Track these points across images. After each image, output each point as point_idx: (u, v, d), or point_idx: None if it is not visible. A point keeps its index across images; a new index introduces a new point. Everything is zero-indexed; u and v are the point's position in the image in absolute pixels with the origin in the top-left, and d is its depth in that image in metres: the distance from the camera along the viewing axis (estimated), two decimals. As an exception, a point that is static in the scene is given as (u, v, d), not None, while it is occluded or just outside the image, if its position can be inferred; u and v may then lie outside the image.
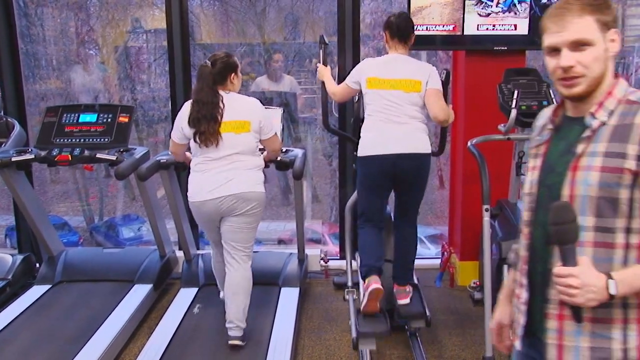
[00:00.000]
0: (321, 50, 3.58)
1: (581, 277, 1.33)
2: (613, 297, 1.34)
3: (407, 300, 3.37)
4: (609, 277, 1.34)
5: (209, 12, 7.82)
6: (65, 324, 3.43)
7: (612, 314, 1.41)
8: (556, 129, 1.55)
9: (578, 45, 1.41)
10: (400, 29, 3.25)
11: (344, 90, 3.41)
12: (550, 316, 1.47)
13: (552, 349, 1.47)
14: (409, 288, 3.42)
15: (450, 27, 3.81)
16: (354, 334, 3.17)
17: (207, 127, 2.99)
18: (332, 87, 3.49)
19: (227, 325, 3.18)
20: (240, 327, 3.17)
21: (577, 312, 1.38)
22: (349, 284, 3.68)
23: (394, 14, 3.30)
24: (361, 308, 3.23)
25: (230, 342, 3.16)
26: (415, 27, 3.35)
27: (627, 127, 1.39)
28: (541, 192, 1.52)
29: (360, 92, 3.35)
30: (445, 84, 3.32)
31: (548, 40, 1.45)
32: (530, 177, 1.57)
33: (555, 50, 1.43)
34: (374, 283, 3.17)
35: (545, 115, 1.64)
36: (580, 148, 1.44)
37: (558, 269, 1.37)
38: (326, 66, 3.54)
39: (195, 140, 3.04)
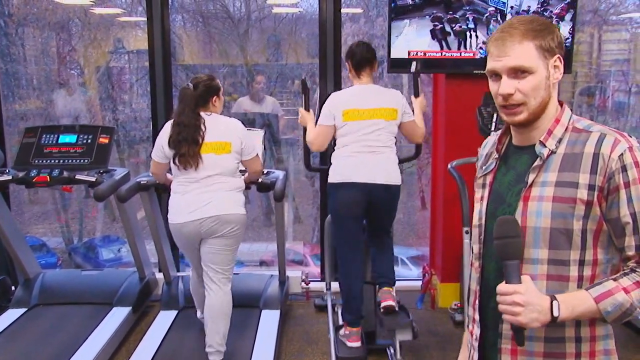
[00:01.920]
0: (303, 95, 3.49)
1: (526, 295, 1.28)
2: (556, 320, 1.29)
3: (391, 302, 3.30)
4: (553, 298, 1.30)
5: (192, 33, 7.85)
6: (41, 349, 3.36)
7: (565, 348, 1.38)
8: (502, 158, 1.51)
9: (517, 72, 1.35)
10: (364, 58, 3.27)
11: (321, 133, 3.29)
12: (504, 351, 1.43)
13: None
14: (393, 291, 3.40)
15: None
16: (332, 358, 3.26)
17: (188, 149, 2.99)
18: (310, 136, 3.36)
19: (207, 349, 3.14)
20: (220, 352, 3.15)
21: (519, 333, 1.33)
22: (329, 305, 3.68)
23: (355, 43, 3.32)
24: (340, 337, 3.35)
25: None
26: (376, 54, 3.37)
27: (577, 156, 1.36)
28: (490, 224, 1.45)
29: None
30: (415, 76, 3.45)
31: (489, 64, 1.40)
32: (479, 208, 1.52)
33: (496, 75, 1.39)
34: (354, 340, 3.31)
35: (490, 143, 1.59)
36: (530, 177, 1.40)
37: (501, 285, 1.32)
38: (308, 112, 3.45)
39: (174, 162, 3.03)
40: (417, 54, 3.82)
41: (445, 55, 3.84)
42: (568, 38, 3.76)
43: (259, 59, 7.76)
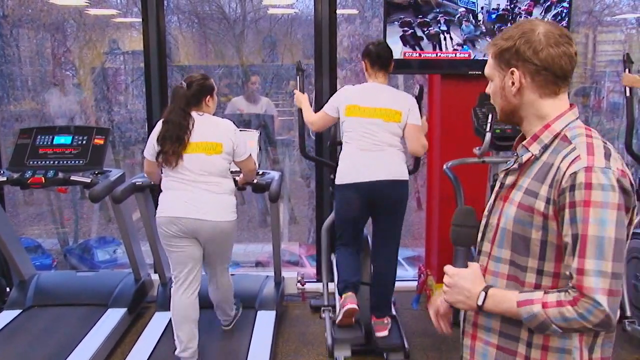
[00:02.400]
0: (298, 77, 3.57)
1: (454, 279, 1.44)
2: (480, 308, 1.39)
3: (385, 333, 3.35)
4: (485, 289, 1.39)
5: (188, 34, 7.84)
6: (35, 350, 3.35)
7: (517, 347, 1.42)
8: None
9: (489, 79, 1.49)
10: (380, 58, 3.29)
11: (322, 119, 3.41)
12: (466, 334, 1.55)
13: None
14: (387, 320, 3.41)
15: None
16: (329, 342, 3.29)
17: (170, 147, 3.00)
18: (310, 116, 3.47)
19: (220, 318, 3.56)
20: (228, 320, 3.59)
21: (453, 311, 1.55)
22: (325, 303, 3.68)
23: (373, 42, 3.34)
24: (336, 321, 3.31)
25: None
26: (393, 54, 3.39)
27: (547, 166, 1.36)
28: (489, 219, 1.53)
29: (337, 119, 3.37)
30: (418, 99, 3.41)
31: None
32: (489, 202, 1.56)
33: None
34: (350, 303, 3.21)
35: None
36: (509, 179, 1.45)
37: (446, 266, 1.49)
38: (303, 93, 3.53)
39: (157, 159, 3.04)
40: (412, 54, 3.82)
41: (440, 56, 3.85)
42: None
43: (254, 59, 7.76)
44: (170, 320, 3.71)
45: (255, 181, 3.48)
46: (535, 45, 1.36)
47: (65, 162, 3.67)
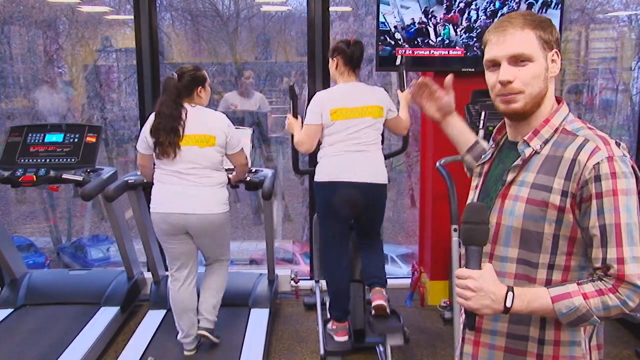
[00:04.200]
0: (291, 102, 3.44)
1: (480, 281, 1.29)
2: (508, 311, 1.30)
3: (382, 302, 3.25)
4: (510, 289, 1.31)
5: (181, 31, 7.82)
6: (28, 350, 3.33)
7: (527, 346, 1.40)
8: (500, 150, 1.52)
9: (518, 60, 1.34)
10: (355, 58, 3.26)
11: (308, 134, 3.23)
12: (467, 341, 1.49)
13: None
14: (385, 291, 3.38)
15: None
16: (322, 352, 3.29)
17: (166, 138, 2.99)
18: (298, 136, 3.30)
19: (198, 316, 3.31)
20: (210, 320, 3.31)
21: (470, 318, 1.35)
22: (319, 303, 3.69)
23: (344, 40, 3.28)
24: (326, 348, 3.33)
25: (200, 332, 3.29)
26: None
27: (556, 160, 1.34)
28: None
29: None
30: (401, 68, 3.47)
31: (489, 53, 1.39)
32: (472, 196, 1.53)
33: (495, 65, 1.38)
34: (342, 335, 3.30)
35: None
36: (510, 176, 1.40)
37: (460, 269, 1.33)
38: (296, 118, 3.37)
39: (154, 151, 3.03)
40: (405, 52, 3.82)
41: (433, 53, 3.85)
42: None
43: (248, 57, 7.76)
44: (163, 318, 3.75)
45: (248, 179, 3.47)
46: (558, 33, 1.39)
47: (57, 160, 3.65)
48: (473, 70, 3.89)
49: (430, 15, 3.81)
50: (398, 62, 3.56)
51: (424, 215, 4.48)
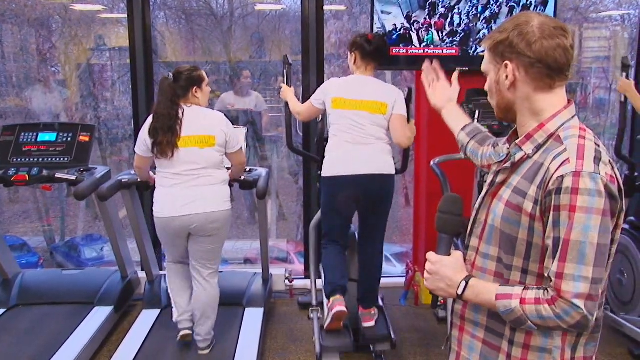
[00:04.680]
0: (285, 71, 3.56)
1: (437, 266, 1.43)
2: (460, 297, 1.40)
3: (372, 323, 3.34)
4: (467, 279, 1.39)
5: (175, 30, 7.80)
6: (20, 350, 3.31)
7: (501, 343, 1.43)
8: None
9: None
10: (374, 52, 3.25)
11: (309, 110, 3.40)
12: (454, 326, 1.56)
13: (452, 355, 1.59)
14: (374, 311, 3.40)
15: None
16: (317, 349, 3.23)
17: (164, 138, 2.98)
18: (296, 106, 3.47)
19: (195, 337, 3.29)
20: (207, 340, 3.30)
21: (433, 297, 1.51)
22: (314, 303, 3.67)
23: (363, 35, 3.28)
24: (325, 326, 3.26)
25: (201, 352, 3.29)
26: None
27: (537, 166, 1.34)
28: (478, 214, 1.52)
29: (324, 112, 3.36)
30: (407, 101, 3.34)
31: None
32: (481, 195, 1.54)
33: None
34: (338, 305, 3.18)
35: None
36: (500, 177, 1.43)
37: (428, 253, 1.46)
38: (290, 86, 3.52)
39: (152, 152, 3.03)
40: (399, 51, 3.82)
41: (428, 52, 3.84)
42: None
43: (242, 56, 7.74)
44: (157, 318, 3.73)
45: (242, 178, 3.47)
46: (529, 37, 1.34)
47: (50, 159, 3.63)
48: (467, 69, 3.89)
49: (412, 20, 3.80)
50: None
51: (419, 214, 4.49)
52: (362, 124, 3.19)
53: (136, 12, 4.26)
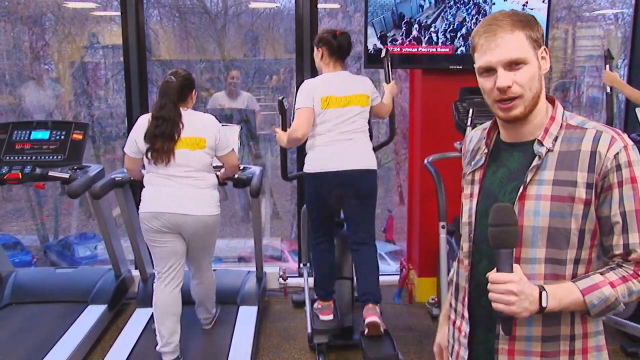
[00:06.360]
0: (281, 116, 3.44)
1: (521, 284, 1.26)
2: (544, 310, 1.28)
3: (376, 318, 3.19)
4: (542, 289, 1.29)
5: (168, 28, 7.78)
6: (13, 348, 3.30)
7: (560, 346, 1.39)
8: (492, 154, 1.48)
9: (512, 64, 1.33)
10: (342, 48, 3.28)
11: (303, 116, 3.20)
12: (501, 352, 1.41)
13: None
14: (378, 308, 3.33)
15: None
16: (309, 330, 3.40)
17: (162, 145, 2.95)
18: (291, 132, 3.24)
19: (202, 321, 3.56)
20: (208, 318, 3.55)
21: (507, 322, 1.32)
22: (307, 299, 3.70)
23: (330, 30, 3.30)
24: (314, 327, 3.39)
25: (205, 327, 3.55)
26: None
27: (574, 154, 1.34)
28: (480, 222, 1.44)
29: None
30: (386, 61, 3.52)
31: (481, 59, 1.37)
32: (469, 205, 1.49)
33: (488, 71, 1.36)
34: (327, 314, 3.36)
35: (475, 138, 1.56)
36: (529, 176, 1.37)
37: (494, 274, 1.28)
38: (285, 131, 3.37)
39: (146, 157, 3.00)
40: (393, 49, 3.82)
41: (421, 50, 3.85)
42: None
43: (236, 54, 7.73)
44: (151, 316, 3.71)
45: (236, 176, 3.46)
46: (542, 28, 1.39)
47: (43, 157, 3.61)
48: (461, 67, 3.91)
49: (390, 39, 3.79)
50: (383, 54, 3.58)
51: (412, 213, 4.50)
52: (354, 119, 3.23)
53: (130, 9, 4.24)
